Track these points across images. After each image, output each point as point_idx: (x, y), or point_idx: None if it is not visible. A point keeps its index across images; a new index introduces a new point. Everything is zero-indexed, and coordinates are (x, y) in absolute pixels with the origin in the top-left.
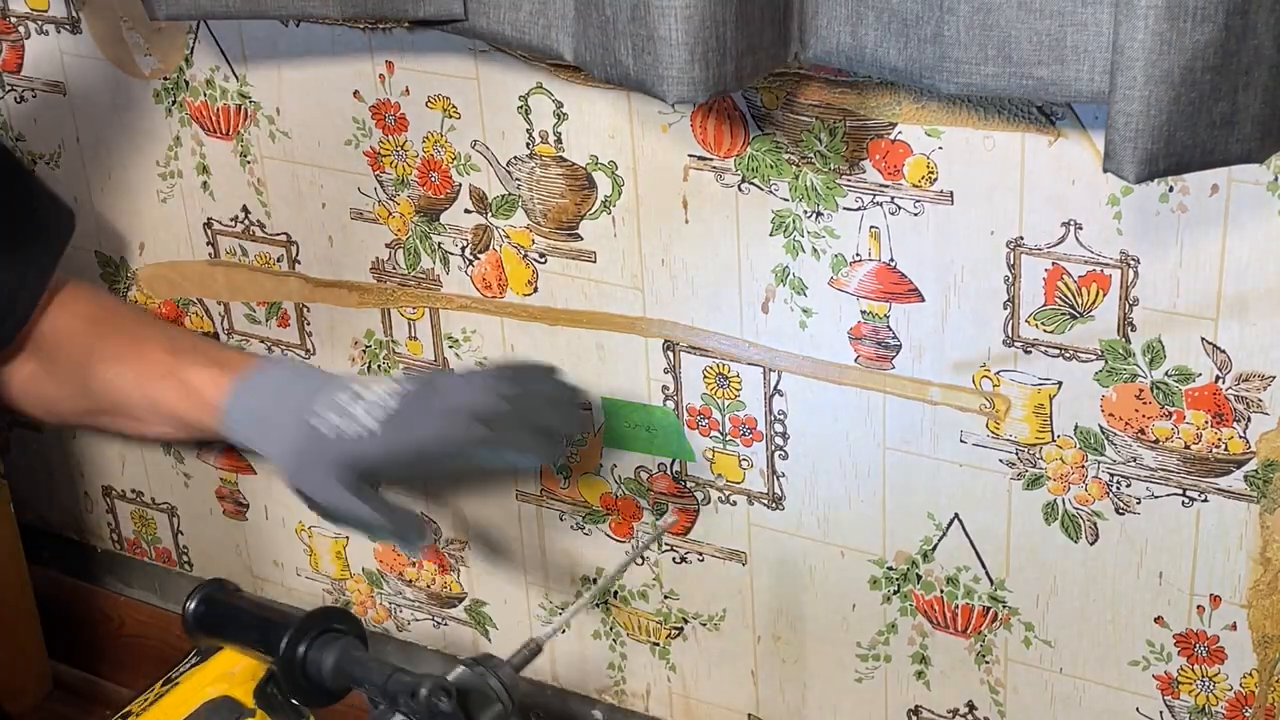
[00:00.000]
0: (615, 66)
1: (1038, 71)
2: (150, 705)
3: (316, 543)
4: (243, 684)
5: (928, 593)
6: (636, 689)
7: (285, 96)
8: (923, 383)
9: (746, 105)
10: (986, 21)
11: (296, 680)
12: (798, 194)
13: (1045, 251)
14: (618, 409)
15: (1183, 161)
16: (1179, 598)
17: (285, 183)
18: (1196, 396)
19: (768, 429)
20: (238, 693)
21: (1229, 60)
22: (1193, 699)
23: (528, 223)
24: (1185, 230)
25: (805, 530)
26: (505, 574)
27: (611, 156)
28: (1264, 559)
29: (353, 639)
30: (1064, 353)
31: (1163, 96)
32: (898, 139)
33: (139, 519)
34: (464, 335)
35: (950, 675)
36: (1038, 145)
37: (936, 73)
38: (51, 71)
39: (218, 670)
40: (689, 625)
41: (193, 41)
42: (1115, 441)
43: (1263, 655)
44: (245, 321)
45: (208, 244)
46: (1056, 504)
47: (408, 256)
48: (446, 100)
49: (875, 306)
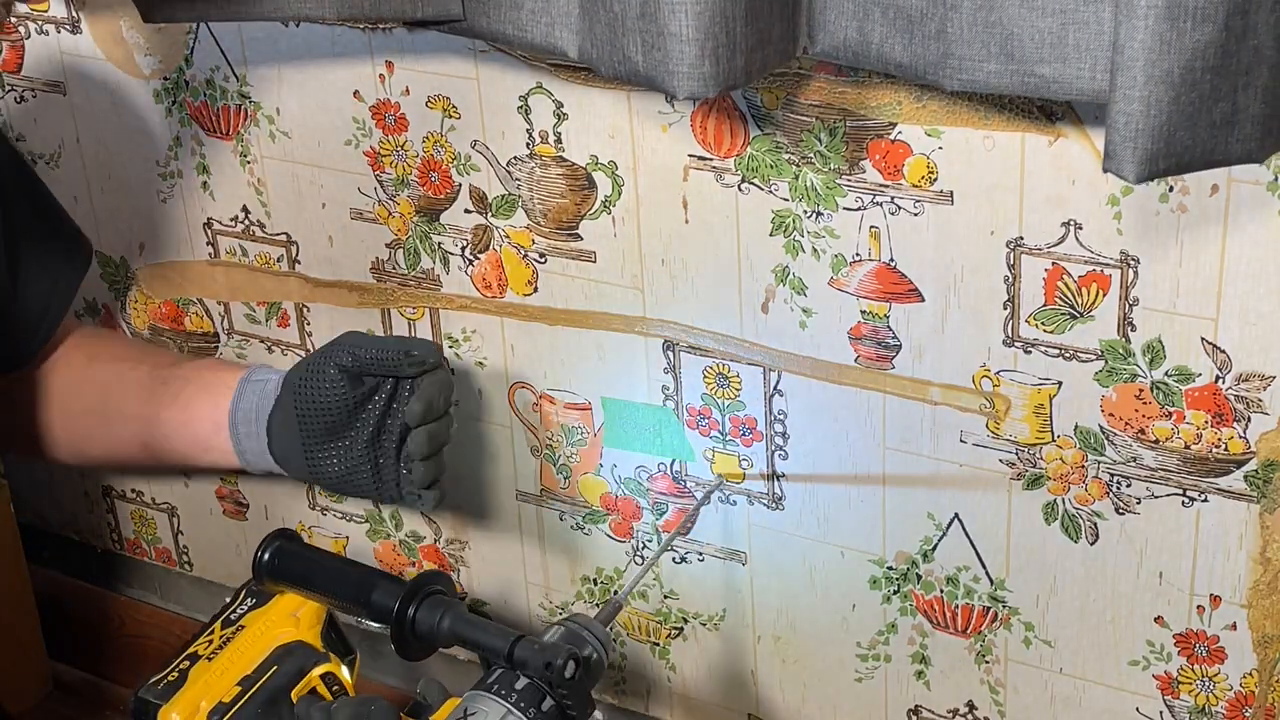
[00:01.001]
0: (624, 63)
1: (1040, 69)
2: (219, 649)
3: (317, 542)
4: (310, 628)
5: (928, 593)
6: (636, 689)
7: (285, 96)
8: (923, 383)
9: (746, 105)
10: (989, 19)
11: (406, 637)
12: (798, 194)
13: (1045, 251)
14: (618, 409)
15: (1183, 162)
16: (1179, 598)
17: (285, 183)
18: (1196, 396)
19: (768, 429)
20: (307, 636)
21: (1229, 60)
22: (1193, 699)
23: (528, 223)
24: (1185, 230)
25: (805, 530)
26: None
27: (611, 156)
28: (1264, 559)
29: (457, 601)
30: (1064, 353)
31: (1163, 96)
32: (898, 139)
33: (139, 519)
34: (464, 335)
35: (950, 675)
36: (1038, 145)
37: (940, 69)
38: (51, 71)
39: (281, 613)
40: (689, 625)
41: (193, 42)
42: (1115, 441)
43: (1263, 655)
44: (245, 321)
45: (208, 244)
46: (1056, 504)
47: (408, 256)
48: (446, 100)
49: (875, 306)
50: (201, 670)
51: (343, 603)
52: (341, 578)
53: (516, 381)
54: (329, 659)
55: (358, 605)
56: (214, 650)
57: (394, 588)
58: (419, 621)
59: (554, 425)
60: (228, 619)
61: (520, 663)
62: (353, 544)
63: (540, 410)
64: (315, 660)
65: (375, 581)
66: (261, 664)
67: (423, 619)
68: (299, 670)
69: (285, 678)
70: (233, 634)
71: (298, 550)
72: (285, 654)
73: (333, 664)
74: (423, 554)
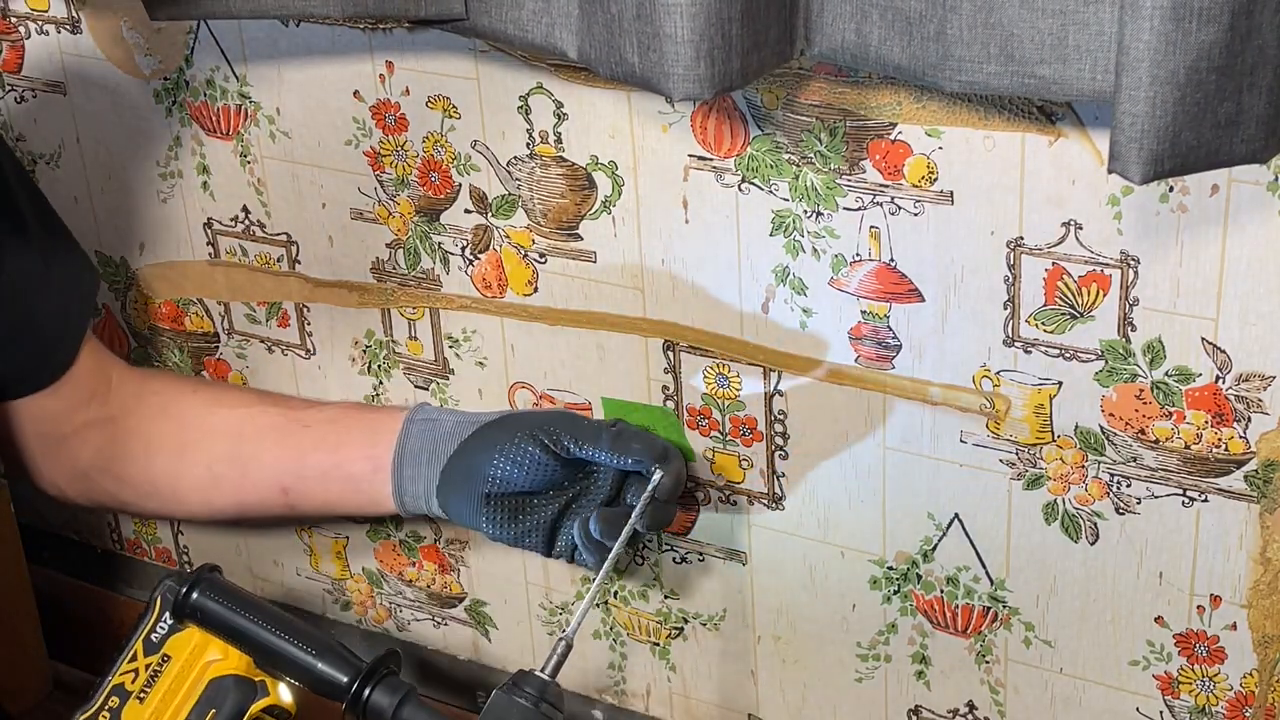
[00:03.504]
0: (620, 64)
1: (1040, 70)
2: (148, 685)
3: (316, 542)
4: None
5: (928, 593)
6: (636, 689)
7: (285, 96)
8: (923, 383)
9: (746, 105)
10: (989, 20)
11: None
12: (798, 194)
13: (1045, 251)
14: (618, 409)
15: (1187, 162)
16: (1179, 598)
17: (285, 183)
18: (1196, 396)
19: (768, 429)
20: (240, 667)
21: (1234, 61)
22: (1193, 699)
23: (528, 223)
24: (1185, 230)
25: (805, 530)
26: (505, 574)
27: (611, 156)
28: (1264, 559)
29: (412, 686)
30: (1064, 353)
31: (1168, 97)
32: (898, 139)
33: (139, 519)
34: (464, 335)
35: (950, 675)
36: (1038, 145)
37: (939, 71)
38: (51, 71)
39: (206, 636)
40: (689, 625)
41: (193, 41)
42: (1115, 441)
43: (1263, 655)
44: (245, 321)
45: (208, 244)
46: (1056, 504)
47: (408, 256)
48: (446, 100)
49: (875, 306)
50: (133, 714)
51: (282, 667)
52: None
53: (516, 382)
54: (267, 689)
55: (299, 673)
56: (143, 687)
57: (346, 662)
58: (373, 705)
59: None
60: (149, 640)
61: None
62: (353, 544)
63: None
64: (254, 695)
65: (323, 651)
66: (196, 706)
67: (378, 702)
68: (238, 711)
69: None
70: (159, 666)
71: (227, 595)
72: (220, 692)
73: (271, 694)
74: (423, 554)
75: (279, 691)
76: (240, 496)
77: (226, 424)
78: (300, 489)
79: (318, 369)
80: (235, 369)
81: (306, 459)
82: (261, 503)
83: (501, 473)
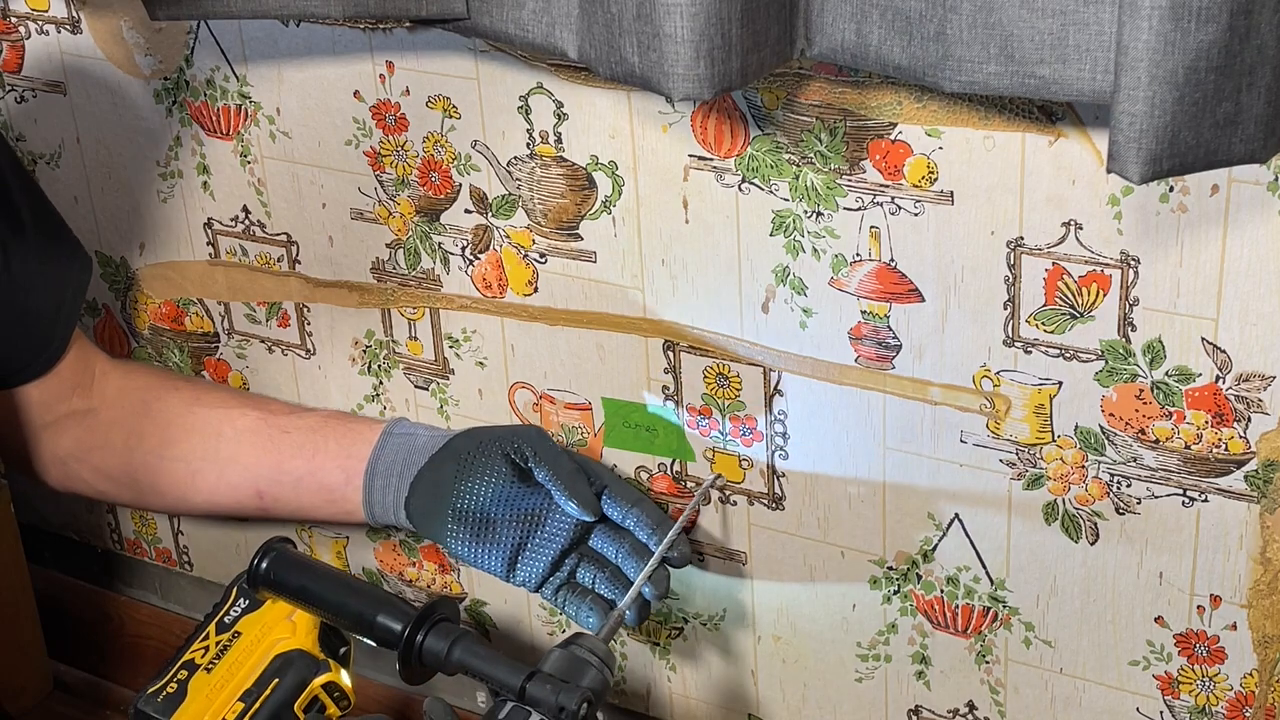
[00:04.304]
0: (620, 64)
1: (1040, 70)
2: (217, 658)
3: (316, 542)
4: (308, 633)
5: (928, 593)
6: (636, 689)
7: (285, 96)
8: (923, 383)
9: (747, 105)
10: (989, 20)
11: (412, 664)
12: (798, 194)
13: (1045, 251)
14: (618, 409)
15: (1186, 162)
16: (1179, 598)
17: (285, 183)
18: (1196, 396)
19: (768, 429)
20: (305, 642)
21: (1233, 60)
22: (1193, 699)
23: (528, 223)
24: (1185, 230)
25: (805, 530)
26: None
27: (611, 156)
28: (1264, 559)
29: (466, 630)
30: (1064, 353)
31: (1167, 97)
32: (898, 139)
33: (139, 519)
34: (464, 335)
35: (950, 675)
36: (1038, 145)
37: (939, 71)
38: (51, 71)
39: (276, 616)
40: (689, 625)
41: (193, 41)
42: (1115, 441)
43: (1263, 655)
44: (245, 321)
45: (208, 244)
46: (1057, 504)
47: (408, 256)
48: (446, 100)
49: (875, 306)
50: (201, 683)
51: (345, 622)
52: (344, 596)
53: (516, 382)
54: (329, 667)
55: (361, 627)
56: (211, 660)
57: (401, 612)
58: (427, 649)
59: (554, 425)
60: (221, 622)
61: (533, 700)
62: (353, 543)
63: (540, 410)
64: (316, 670)
65: (380, 604)
66: (261, 676)
67: (431, 646)
68: (300, 682)
69: (287, 691)
70: (229, 641)
71: (295, 561)
72: (285, 665)
73: (333, 672)
74: (423, 554)
75: (341, 673)
76: (215, 496)
77: (206, 423)
78: (275, 493)
79: (318, 369)
80: (235, 369)
81: (283, 464)
82: (237, 503)
83: (465, 485)
